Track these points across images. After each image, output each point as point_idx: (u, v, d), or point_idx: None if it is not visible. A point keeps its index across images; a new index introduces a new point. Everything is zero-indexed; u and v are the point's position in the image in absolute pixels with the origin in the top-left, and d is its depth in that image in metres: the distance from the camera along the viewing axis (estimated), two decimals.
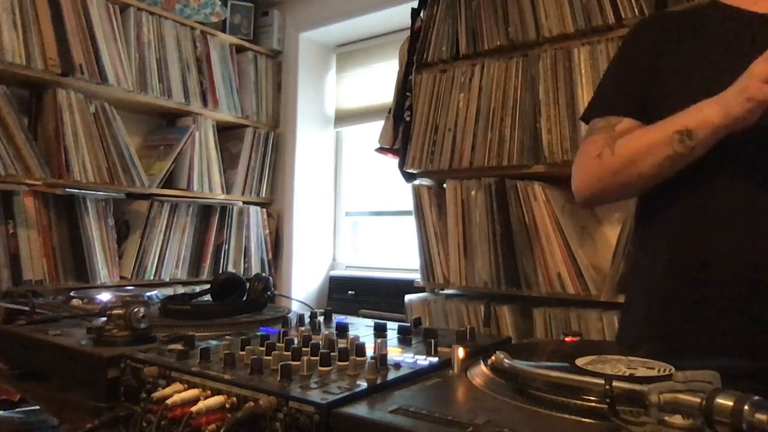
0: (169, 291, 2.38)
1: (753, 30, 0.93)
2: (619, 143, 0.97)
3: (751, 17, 0.94)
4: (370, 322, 1.09)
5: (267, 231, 2.96)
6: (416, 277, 2.14)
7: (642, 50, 1.04)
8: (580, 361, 0.69)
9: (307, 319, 1.10)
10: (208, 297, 1.34)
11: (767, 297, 0.85)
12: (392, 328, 1.03)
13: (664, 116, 0.92)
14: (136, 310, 0.96)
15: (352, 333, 1.00)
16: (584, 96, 1.74)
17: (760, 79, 0.79)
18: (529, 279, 1.82)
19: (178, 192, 2.60)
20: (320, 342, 0.83)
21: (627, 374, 0.64)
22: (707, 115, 0.85)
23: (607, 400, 0.51)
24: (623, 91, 1.04)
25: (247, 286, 1.29)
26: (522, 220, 1.82)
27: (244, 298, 1.29)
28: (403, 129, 2.18)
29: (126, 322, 0.95)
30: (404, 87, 2.22)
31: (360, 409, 0.61)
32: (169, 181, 2.59)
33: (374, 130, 2.48)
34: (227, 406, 0.69)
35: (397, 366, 0.77)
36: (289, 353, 0.79)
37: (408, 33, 2.26)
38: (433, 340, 0.87)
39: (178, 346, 0.86)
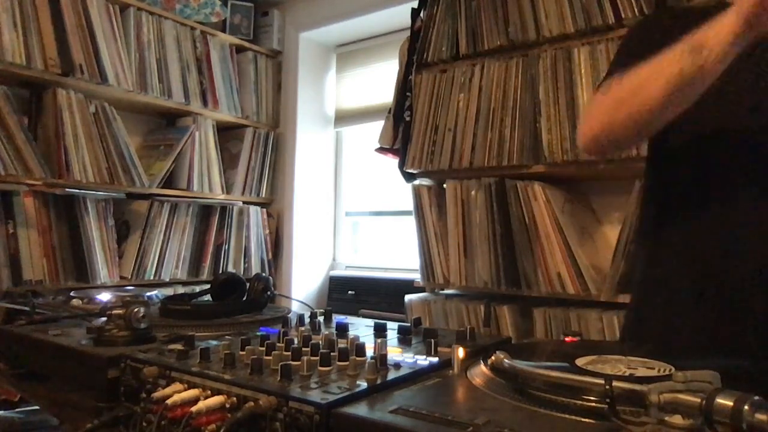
0: (169, 291, 2.38)
1: None
2: (626, 73, 0.89)
3: None
4: (370, 322, 1.09)
5: (267, 231, 2.96)
6: (416, 277, 2.14)
7: (647, 44, 1.02)
8: (580, 361, 0.69)
9: (307, 319, 1.10)
10: (208, 297, 1.34)
11: None
12: (392, 328, 1.03)
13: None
14: (136, 310, 0.96)
15: (352, 333, 1.00)
16: (584, 96, 1.74)
17: None
18: (529, 279, 1.82)
19: (178, 192, 2.60)
20: (320, 342, 0.83)
21: (627, 374, 0.64)
22: (718, 23, 0.77)
23: (607, 400, 0.51)
24: (633, 62, 0.95)
25: (247, 286, 1.29)
26: (522, 220, 1.82)
27: (244, 298, 1.29)
28: (403, 129, 2.19)
29: (126, 322, 0.95)
30: (404, 87, 2.22)
31: (360, 409, 0.61)
32: (169, 181, 2.59)
33: (374, 130, 2.48)
34: (227, 406, 0.69)
35: (397, 366, 0.77)
36: (289, 353, 0.79)
37: (408, 33, 2.26)
38: (433, 340, 0.87)
39: (178, 346, 0.86)
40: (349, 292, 2.83)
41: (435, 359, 0.81)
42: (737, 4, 0.75)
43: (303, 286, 2.99)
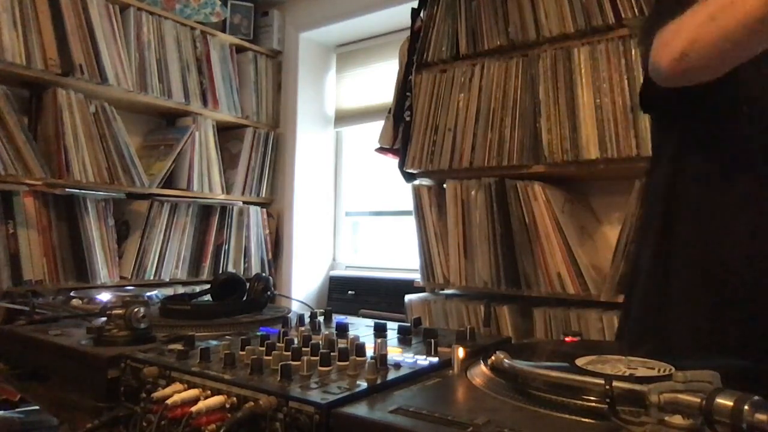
0: (169, 291, 2.38)
1: None
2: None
3: None
4: (370, 322, 1.09)
5: (267, 231, 2.96)
6: (416, 277, 2.14)
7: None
8: (580, 361, 0.69)
9: (307, 319, 1.10)
10: (208, 297, 1.34)
11: None
12: (392, 328, 1.03)
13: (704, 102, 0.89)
14: (136, 310, 0.96)
15: (352, 333, 1.00)
16: (584, 96, 1.74)
17: None
18: (529, 279, 1.82)
19: (178, 192, 2.60)
20: (320, 342, 0.83)
21: (627, 374, 0.64)
22: None
23: (607, 400, 0.51)
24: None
25: (247, 286, 1.29)
26: (522, 220, 1.82)
27: (244, 298, 1.29)
28: (403, 129, 2.19)
29: (126, 322, 0.95)
30: (404, 87, 2.22)
31: (360, 409, 0.61)
32: (169, 181, 2.59)
33: (374, 130, 2.48)
34: (227, 406, 0.69)
35: (397, 366, 0.77)
36: (289, 353, 0.79)
37: (408, 33, 2.26)
38: (433, 340, 0.87)
39: (178, 346, 0.86)
40: (349, 292, 2.83)
41: (435, 359, 0.81)
42: None
43: (303, 286, 2.99)
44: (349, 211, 3.17)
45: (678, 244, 0.98)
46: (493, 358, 0.69)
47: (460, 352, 0.77)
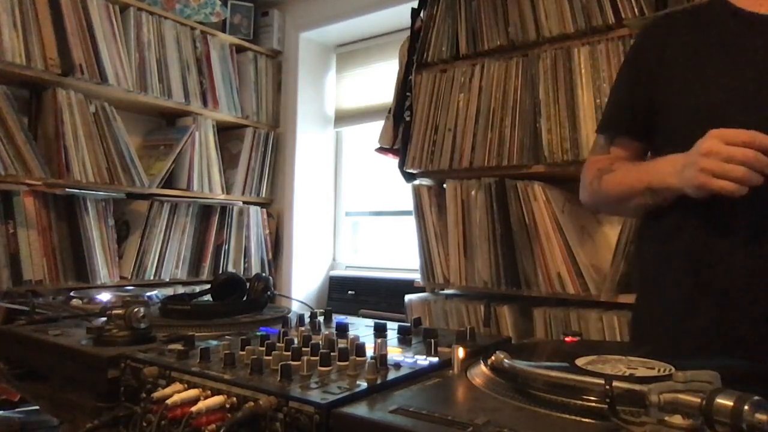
0: (169, 291, 2.38)
1: (753, 31, 0.93)
2: (605, 180, 1.06)
3: (752, 18, 0.94)
4: (370, 322, 1.09)
5: (267, 231, 2.96)
6: (416, 277, 2.14)
7: (646, 52, 1.05)
8: (580, 361, 0.69)
9: (307, 319, 1.10)
10: (208, 297, 1.34)
11: None
12: (392, 328, 1.03)
13: (670, 112, 0.98)
14: (136, 310, 0.96)
15: (352, 333, 1.00)
16: (584, 96, 1.74)
17: (702, 154, 0.82)
18: (529, 279, 1.82)
19: (178, 192, 2.60)
20: (320, 342, 0.83)
21: (627, 374, 0.64)
22: (667, 178, 0.91)
23: (607, 400, 0.51)
24: (623, 106, 1.10)
25: (247, 286, 1.29)
26: (522, 220, 1.82)
27: (244, 298, 1.29)
28: (403, 129, 2.18)
29: (126, 322, 0.95)
30: (404, 87, 2.22)
31: (360, 409, 0.61)
32: (169, 181, 2.59)
33: (374, 130, 2.48)
34: (227, 406, 0.69)
35: (397, 366, 0.77)
36: (289, 353, 0.79)
37: (408, 33, 2.26)
38: (433, 340, 0.87)
39: (178, 346, 0.86)
40: (349, 292, 2.83)
41: (435, 359, 0.81)
42: (682, 178, 0.87)
43: (303, 286, 2.99)
44: (349, 211, 3.17)
45: (672, 246, 0.98)
46: (493, 358, 0.69)
47: (460, 352, 0.77)
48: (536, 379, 0.62)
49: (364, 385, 0.68)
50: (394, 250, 2.90)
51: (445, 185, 2.03)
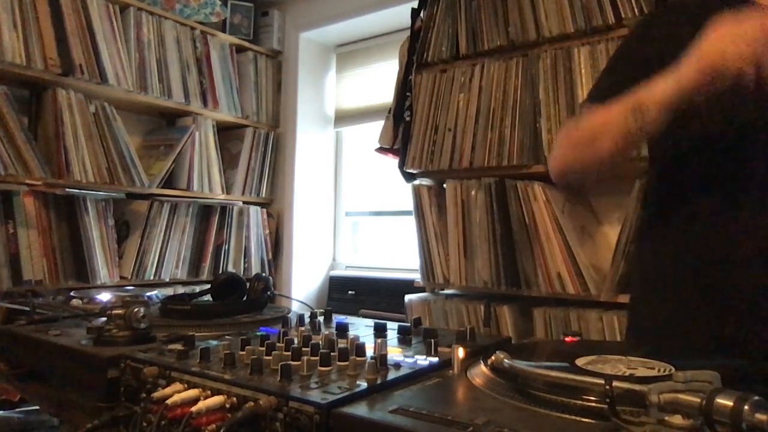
0: (169, 291, 2.38)
1: None
2: (584, 117, 1.00)
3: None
4: (370, 322, 1.09)
5: (267, 231, 2.96)
6: (416, 277, 2.14)
7: (648, 44, 1.02)
8: (580, 361, 0.69)
9: (307, 319, 1.10)
10: (208, 297, 1.34)
11: None
12: (392, 328, 1.03)
13: None
14: (136, 310, 0.96)
15: (352, 333, 1.00)
16: (584, 96, 1.74)
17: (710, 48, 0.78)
18: (529, 279, 1.82)
19: (178, 192, 2.60)
20: (320, 342, 0.83)
21: (627, 374, 0.64)
22: (661, 87, 0.84)
23: (607, 400, 0.51)
24: (615, 82, 1.01)
25: (247, 286, 1.29)
26: (522, 220, 1.82)
27: (244, 298, 1.29)
28: (403, 129, 2.18)
29: (126, 322, 0.95)
30: (404, 87, 2.22)
31: (360, 409, 0.61)
32: (169, 181, 2.59)
33: (374, 130, 2.48)
34: (227, 406, 0.69)
35: (397, 366, 0.77)
36: (289, 353, 0.79)
37: (408, 33, 2.26)
38: (433, 340, 0.87)
39: (178, 346, 0.86)
40: (349, 292, 2.83)
41: (435, 359, 0.81)
42: (679, 72, 0.81)
43: (303, 286, 2.99)
44: (349, 211, 3.17)
45: (671, 246, 0.98)
46: (493, 358, 0.69)
47: (460, 352, 0.77)
48: (536, 379, 0.62)
49: (364, 385, 0.68)
50: (394, 250, 2.90)
51: (445, 185, 2.04)
